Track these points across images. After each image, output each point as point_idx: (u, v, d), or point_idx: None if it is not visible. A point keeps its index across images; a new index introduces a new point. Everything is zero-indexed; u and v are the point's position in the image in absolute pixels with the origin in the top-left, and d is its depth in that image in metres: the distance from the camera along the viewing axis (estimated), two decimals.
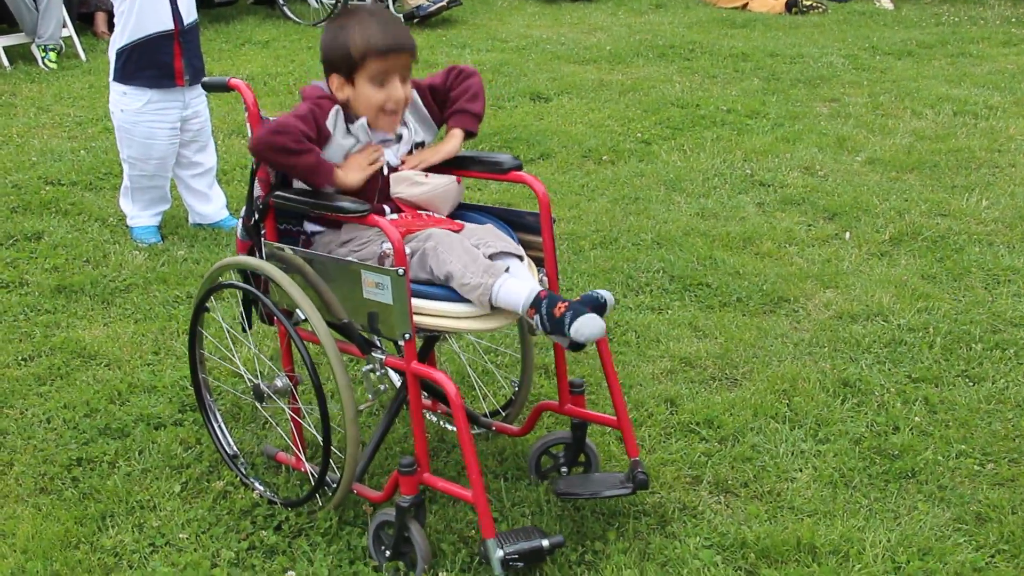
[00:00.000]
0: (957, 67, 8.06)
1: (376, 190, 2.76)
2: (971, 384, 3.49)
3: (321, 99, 2.74)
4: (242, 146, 6.06)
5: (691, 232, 4.75)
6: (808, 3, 10.46)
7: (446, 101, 2.88)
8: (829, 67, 7.99)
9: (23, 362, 3.63)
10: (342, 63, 2.69)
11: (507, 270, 2.57)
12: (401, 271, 2.45)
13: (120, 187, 4.75)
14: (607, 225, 4.85)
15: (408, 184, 2.79)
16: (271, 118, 2.80)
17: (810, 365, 3.60)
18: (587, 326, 2.43)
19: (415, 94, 2.84)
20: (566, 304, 2.46)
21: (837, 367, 3.58)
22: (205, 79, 2.92)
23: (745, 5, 10.65)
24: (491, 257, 2.59)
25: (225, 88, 2.84)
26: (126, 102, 4.50)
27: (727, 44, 8.77)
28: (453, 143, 2.84)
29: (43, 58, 7.90)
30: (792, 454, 3.11)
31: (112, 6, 8.93)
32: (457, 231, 2.68)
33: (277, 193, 2.70)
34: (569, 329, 2.44)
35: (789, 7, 10.37)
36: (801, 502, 2.89)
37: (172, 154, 4.62)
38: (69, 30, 8.24)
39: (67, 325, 3.89)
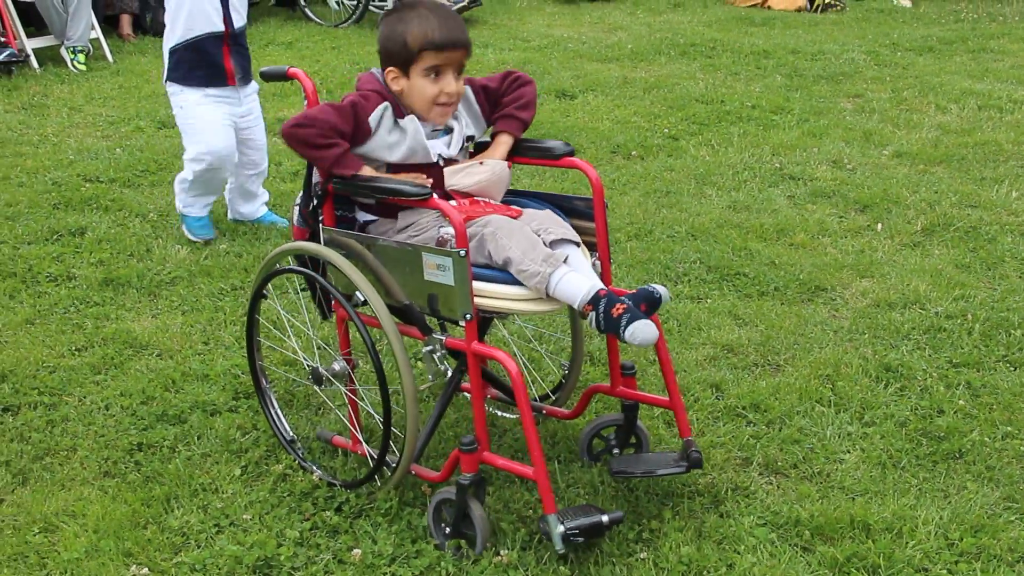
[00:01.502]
0: (979, 62, 8.10)
1: (433, 181, 2.82)
2: (1012, 369, 3.53)
3: (371, 92, 2.79)
4: (275, 144, 6.12)
5: (724, 224, 4.80)
6: (827, 0, 10.50)
7: (497, 103, 2.95)
8: (851, 63, 8.03)
9: (77, 352, 3.69)
10: (399, 55, 2.76)
11: (566, 260, 2.61)
12: (463, 252, 2.51)
13: (176, 178, 4.71)
14: (641, 218, 4.90)
15: (463, 175, 2.84)
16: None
17: (851, 351, 3.64)
18: (641, 331, 2.49)
19: (468, 90, 2.90)
20: (624, 306, 2.51)
21: (878, 353, 3.62)
22: (264, 68, 2.97)
23: (764, 3, 10.70)
24: (551, 244, 2.65)
25: (284, 77, 2.90)
26: (184, 98, 4.52)
27: (748, 42, 8.82)
28: (501, 150, 2.91)
29: (72, 60, 7.97)
30: (839, 436, 3.16)
31: (137, 8, 8.99)
32: (516, 217, 2.73)
33: (335, 179, 2.75)
34: (624, 332, 2.49)
35: (809, 4, 10.41)
36: (851, 482, 2.94)
37: (234, 146, 4.63)
38: (96, 32, 8.31)
39: (116, 317, 3.95)
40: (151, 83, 7.48)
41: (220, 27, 4.47)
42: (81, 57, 8.01)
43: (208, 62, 4.48)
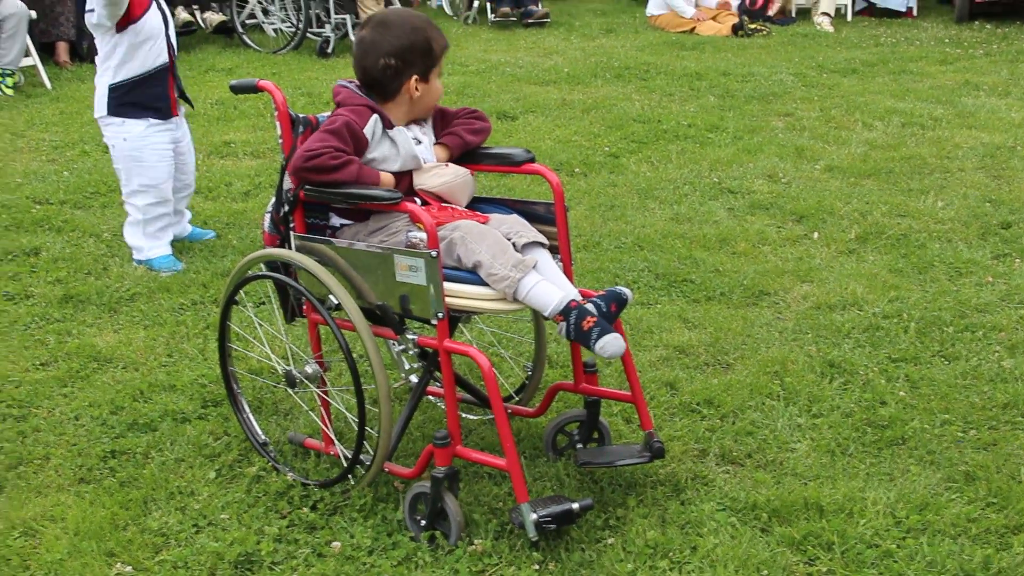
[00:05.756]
0: (900, 83, 8.43)
1: (409, 184, 2.94)
2: (947, 362, 3.73)
3: (360, 106, 2.89)
4: (222, 166, 6.18)
5: (669, 235, 4.97)
6: (753, 26, 10.83)
7: (446, 125, 3.09)
8: (780, 84, 8.31)
9: (42, 366, 3.73)
10: (423, 62, 2.89)
11: (536, 265, 2.73)
12: (434, 253, 2.62)
13: (125, 223, 4.71)
14: (588, 230, 5.05)
15: (430, 175, 2.96)
16: (300, 115, 2.94)
17: (797, 350, 3.82)
18: (611, 344, 2.64)
19: None
20: (594, 319, 2.65)
21: (822, 350, 3.80)
22: (233, 82, 3.05)
23: (692, 29, 10.99)
24: (523, 248, 2.77)
25: (254, 90, 2.99)
26: (127, 130, 4.51)
27: (680, 65, 9.07)
28: (436, 151, 3.04)
29: (0, 83, 7.92)
30: (790, 428, 3.32)
31: (73, 35, 8.90)
32: (483, 223, 2.85)
33: (308, 186, 2.85)
34: (594, 345, 2.63)
35: (735, 30, 10.74)
36: (803, 469, 3.09)
37: (171, 174, 4.64)
38: (34, 59, 8.28)
39: (78, 332, 3.98)
40: (92, 109, 7.47)
41: (166, 59, 4.53)
42: (9, 81, 7.97)
43: (154, 95, 4.52)
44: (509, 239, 2.76)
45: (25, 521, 2.84)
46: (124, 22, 4.37)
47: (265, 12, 10.23)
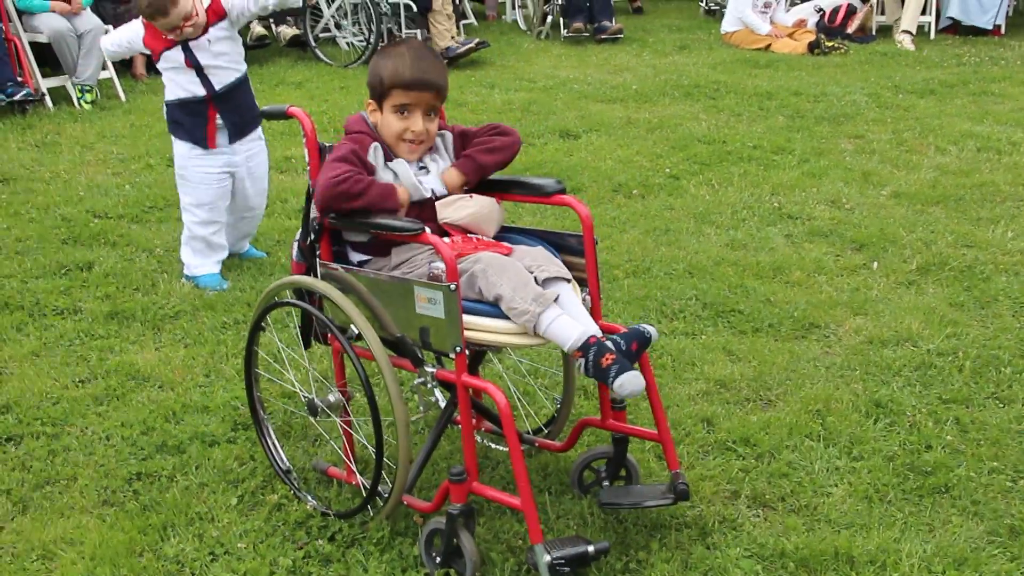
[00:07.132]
0: (979, 105, 8.18)
1: (433, 217, 2.90)
2: (1001, 405, 3.57)
3: (360, 134, 2.89)
4: (280, 181, 6.22)
5: (722, 262, 4.87)
6: (830, 44, 10.61)
7: (467, 147, 3.03)
8: (852, 105, 8.12)
9: (80, 383, 3.77)
10: (375, 89, 2.92)
11: (557, 299, 2.67)
12: (453, 286, 2.57)
13: (181, 237, 4.79)
14: (639, 255, 4.97)
15: (453, 208, 2.91)
16: (327, 144, 2.94)
17: (842, 387, 3.69)
18: (630, 383, 2.55)
19: (448, 135, 3.01)
20: (613, 356, 2.58)
21: (869, 389, 3.67)
22: (264, 108, 3.06)
23: (768, 47, 10.81)
24: (544, 282, 2.71)
25: (284, 116, 2.99)
26: (177, 147, 4.64)
27: (751, 83, 8.92)
28: (448, 180, 2.97)
29: (79, 99, 8.13)
30: (827, 470, 3.20)
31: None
32: (507, 254, 2.79)
33: (332, 215, 2.83)
34: (612, 383, 2.56)
35: (811, 48, 10.53)
36: (837, 515, 2.98)
37: (222, 196, 4.68)
38: (110, 72, 8.47)
39: (120, 349, 4.02)
40: (162, 122, 7.54)
41: (201, 92, 4.54)
42: (88, 96, 8.18)
43: (191, 123, 4.57)
44: (531, 272, 2.70)
45: (44, 544, 2.86)
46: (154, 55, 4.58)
47: (338, 26, 10.32)
